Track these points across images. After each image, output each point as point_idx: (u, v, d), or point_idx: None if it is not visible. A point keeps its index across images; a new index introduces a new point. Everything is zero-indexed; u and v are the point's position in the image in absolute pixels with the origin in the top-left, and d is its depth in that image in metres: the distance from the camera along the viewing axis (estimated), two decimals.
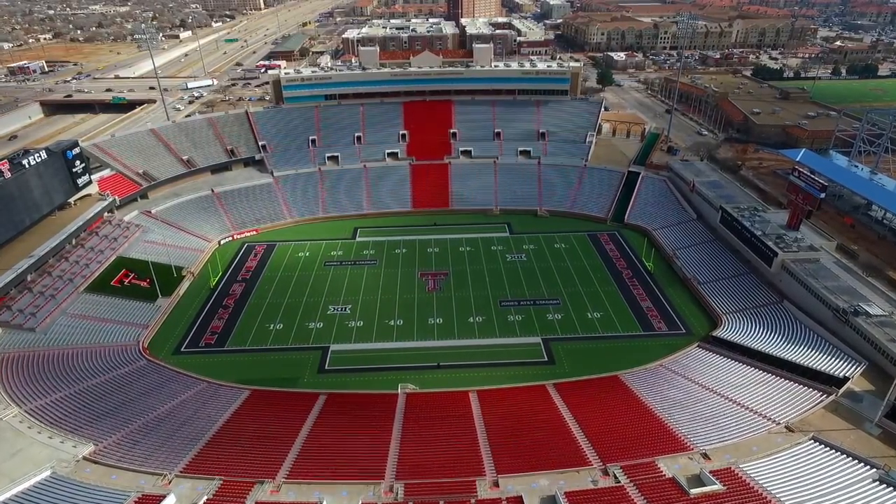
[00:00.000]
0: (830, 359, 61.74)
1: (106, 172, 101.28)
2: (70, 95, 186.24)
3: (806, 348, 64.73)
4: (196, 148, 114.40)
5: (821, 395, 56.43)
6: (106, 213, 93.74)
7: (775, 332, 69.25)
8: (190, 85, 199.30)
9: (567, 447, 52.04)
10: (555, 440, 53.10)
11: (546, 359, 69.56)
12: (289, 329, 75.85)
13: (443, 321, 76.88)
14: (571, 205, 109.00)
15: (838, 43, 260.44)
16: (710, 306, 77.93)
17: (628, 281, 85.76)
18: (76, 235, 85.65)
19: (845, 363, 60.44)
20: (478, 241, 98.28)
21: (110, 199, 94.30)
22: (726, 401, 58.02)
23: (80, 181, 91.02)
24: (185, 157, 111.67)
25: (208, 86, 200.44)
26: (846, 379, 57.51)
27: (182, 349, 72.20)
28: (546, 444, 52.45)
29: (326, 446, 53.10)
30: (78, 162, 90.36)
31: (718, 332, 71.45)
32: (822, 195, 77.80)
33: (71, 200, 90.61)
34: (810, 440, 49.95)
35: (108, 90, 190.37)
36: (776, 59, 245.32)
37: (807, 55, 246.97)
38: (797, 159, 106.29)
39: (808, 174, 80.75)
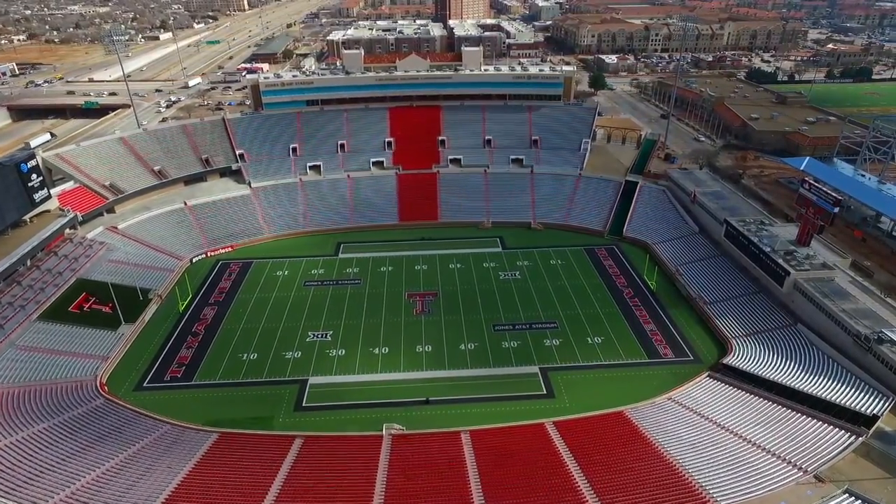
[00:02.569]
0: (854, 392, 56.73)
1: (68, 185, 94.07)
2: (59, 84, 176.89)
3: (826, 379, 59.68)
4: (168, 157, 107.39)
5: (849, 437, 51.31)
6: (67, 231, 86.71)
7: (790, 359, 64.12)
8: (191, 83, 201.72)
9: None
10: (558, 495, 47.38)
11: (545, 391, 63.78)
12: (264, 359, 69.42)
13: (432, 349, 70.87)
14: (567, 217, 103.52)
15: (830, 45, 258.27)
16: (718, 329, 72.68)
17: (630, 301, 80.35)
18: (31, 256, 78.59)
19: (871, 397, 55.43)
20: (469, 258, 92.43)
21: (71, 215, 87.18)
22: (745, 442, 52.72)
23: (37, 196, 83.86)
24: (156, 168, 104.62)
25: (198, 84, 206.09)
26: (875, 417, 52.44)
27: (145, 384, 65.51)
28: (548, 501, 46.71)
29: None
30: (34, 175, 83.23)
31: (729, 360, 66.17)
32: (836, 210, 72.94)
33: (26, 218, 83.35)
34: (845, 494, 44.75)
35: (113, 94, 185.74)
36: (768, 61, 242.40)
37: (799, 58, 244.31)
38: (801, 168, 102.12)
39: (820, 187, 75.93)
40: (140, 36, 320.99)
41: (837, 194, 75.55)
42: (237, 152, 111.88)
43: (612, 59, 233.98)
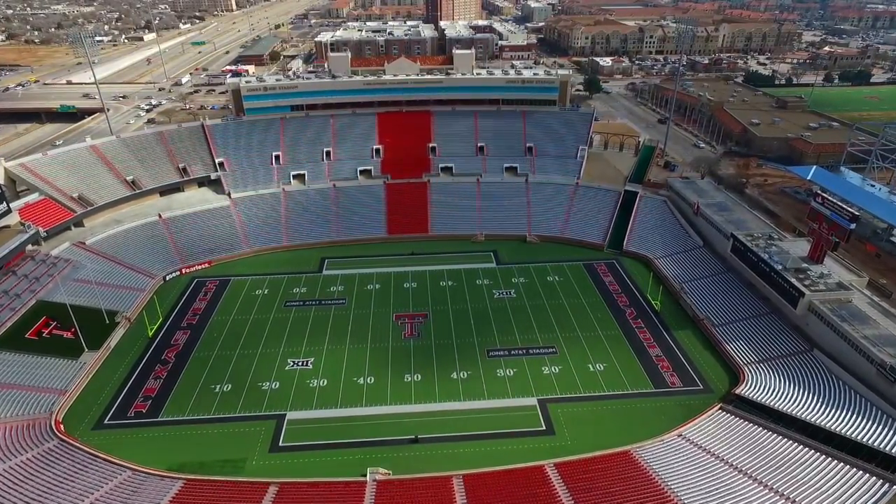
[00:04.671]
0: (882, 430, 52.16)
1: (32, 198, 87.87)
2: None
3: (849, 414, 55.06)
4: (142, 167, 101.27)
5: (882, 485, 46.49)
6: (28, 247, 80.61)
7: (808, 390, 59.42)
8: (183, 80, 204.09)
9: None
10: None
11: (544, 427, 58.59)
12: (238, 391, 63.76)
13: (421, 378, 65.51)
14: (564, 229, 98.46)
15: (826, 48, 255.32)
16: (728, 354, 67.87)
17: (632, 322, 75.38)
18: None
19: None
20: (461, 274, 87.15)
21: (33, 231, 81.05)
22: (766, 490, 47.86)
23: None
24: (129, 178, 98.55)
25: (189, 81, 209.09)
26: None
27: (105, 421, 59.67)
28: None
29: None
30: None
31: (742, 390, 61.31)
32: (853, 226, 68.31)
33: None
34: None
35: (124, 97, 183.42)
36: (764, 64, 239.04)
37: (795, 60, 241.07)
38: (808, 178, 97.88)
39: (834, 201, 71.28)
40: (124, 36, 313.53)
41: (847, 205, 70.90)
42: (217, 160, 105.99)
43: (606, 61, 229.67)
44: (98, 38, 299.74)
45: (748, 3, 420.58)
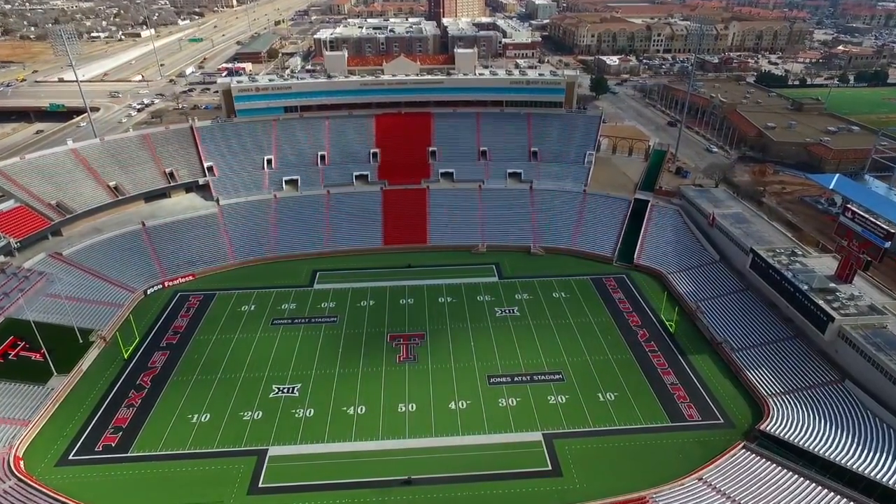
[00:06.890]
0: None
1: (6, 205, 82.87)
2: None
3: (890, 457, 49.53)
4: (126, 172, 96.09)
5: None
6: (0, 259, 75.55)
7: (841, 428, 54.01)
8: (187, 71, 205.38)
9: None
10: None
11: (550, 467, 53.30)
12: (217, 421, 58.66)
13: (416, 408, 60.28)
14: (570, 240, 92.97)
15: (841, 47, 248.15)
16: (750, 383, 62.42)
17: (645, 345, 69.97)
18: None
19: None
20: (461, 289, 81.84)
21: (4, 242, 76.06)
22: None
23: None
24: (111, 184, 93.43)
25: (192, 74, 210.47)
26: None
27: (71, 456, 54.65)
28: None
29: None
30: None
31: (767, 426, 55.87)
32: (888, 244, 62.70)
33: None
34: None
35: (160, 96, 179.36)
36: (776, 63, 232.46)
37: (807, 60, 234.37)
38: (831, 186, 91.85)
39: (866, 216, 65.66)
40: (121, 32, 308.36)
41: (882, 221, 65.19)
42: (205, 165, 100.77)
43: (613, 60, 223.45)
44: (94, 35, 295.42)
45: (757, 0, 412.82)
